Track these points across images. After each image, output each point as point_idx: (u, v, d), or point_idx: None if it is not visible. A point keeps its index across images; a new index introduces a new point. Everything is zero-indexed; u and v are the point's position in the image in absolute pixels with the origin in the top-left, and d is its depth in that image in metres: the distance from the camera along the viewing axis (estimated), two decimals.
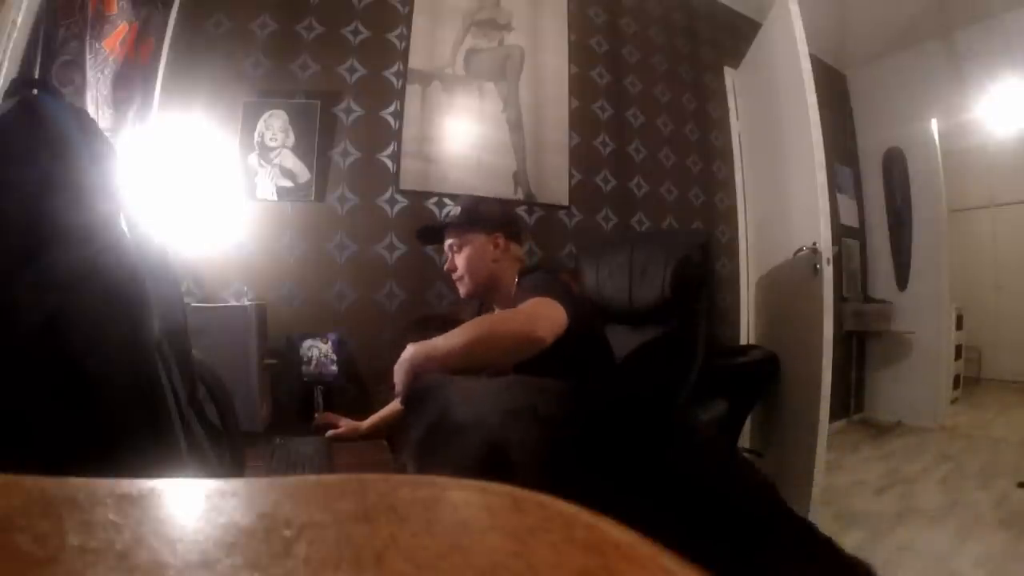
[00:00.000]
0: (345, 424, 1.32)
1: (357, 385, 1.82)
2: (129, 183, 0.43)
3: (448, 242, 1.26)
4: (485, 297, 1.27)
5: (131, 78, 1.53)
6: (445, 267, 1.27)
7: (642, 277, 1.58)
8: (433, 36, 2.09)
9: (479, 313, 1.31)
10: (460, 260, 1.23)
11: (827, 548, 0.44)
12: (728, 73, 2.79)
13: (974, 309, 4.07)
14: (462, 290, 1.25)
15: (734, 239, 2.70)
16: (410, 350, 0.92)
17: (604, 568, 0.13)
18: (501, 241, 1.24)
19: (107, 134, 0.60)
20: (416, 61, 2.05)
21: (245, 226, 1.77)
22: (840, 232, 3.17)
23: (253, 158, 1.80)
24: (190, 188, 1.68)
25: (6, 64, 1.25)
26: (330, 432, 1.29)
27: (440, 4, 2.12)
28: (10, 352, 0.31)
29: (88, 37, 1.39)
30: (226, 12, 1.82)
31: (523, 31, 2.24)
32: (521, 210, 2.15)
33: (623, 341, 1.40)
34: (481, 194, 1.99)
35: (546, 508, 0.16)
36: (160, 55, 1.67)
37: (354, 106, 1.95)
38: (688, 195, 2.57)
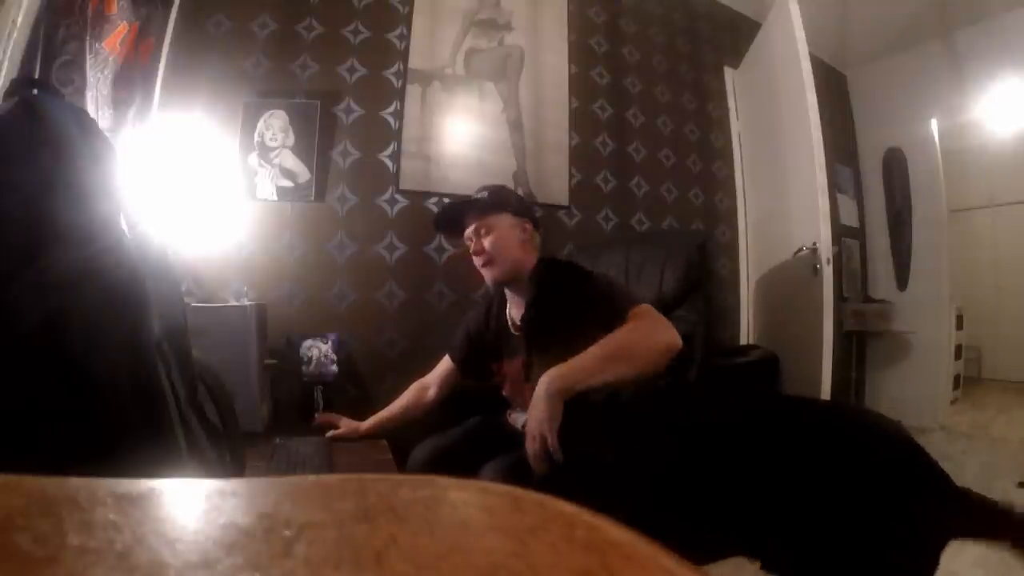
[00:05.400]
0: (345, 424, 1.32)
1: (357, 385, 1.82)
2: (129, 183, 0.43)
3: (473, 226, 1.20)
4: (511, 284, 1.21)
5: (131, 78, 1.53)
6: (472, 250, 1.20)
7: (640, 277, 1.58)
8: (433, 36, 2.09)
9: (505, 304, 1.26)
10: (488, 243, 1.17)
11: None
12: (728, 73, 2.79)
13: (974, 309, 4.07)
14: (489, 275, 1.19)
15: (734, 239, 2.70)
16: (551, 380, 0.89)
17: (604, 567, 0.13)
18: (528, 226, 1.22)
19: (107, 134, 0.60)
20: (416, 61, 2.05)
21: (245, 226, 1.77)
22: (840, 232, 3.17)
23: (253, 158, 1.80)
24: (190, 188, 1.68)
25: (6, 64, 1.25)
26: (330, 432, 1.29)
27: (440, 4, 2.12)
28: (10, 352, 0.31)
29: (88, 37, 1.39)
30: (226, 12, 1.81)
31: (523, 31, 2.24)
32: None
33: None
34: None
35: (546, 508, 0.16)
36: (160, 55, 1.67)
37: (354, 106, 1.95)
38: (688, 195, 2.57)
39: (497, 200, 1.21)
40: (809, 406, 0.78)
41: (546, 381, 0.89)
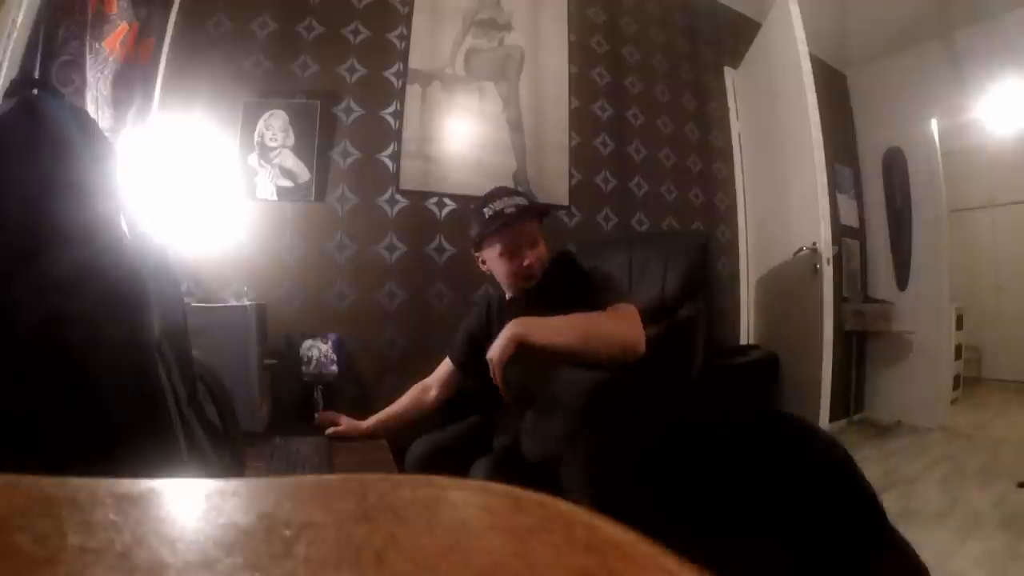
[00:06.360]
0: (346, 422, 1.32)
1: (357, 385, 1.81)
2: (129, 183, 0.43)
3: (530, 235, 1.20)
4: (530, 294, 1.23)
5: (131, 78, 1.53)
6: (527, 262, 1.19)
7: (641, 278, 1.58)
8: (433, 36, 2.09)
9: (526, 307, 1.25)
10: (538, 253, 1.20)
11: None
12: (728, 73, 2.79)
13: (974, 309, 4.07)
14: (527, 283, 1.19)
15: (734, 239, 2.70)
16: (513, 324, 0.95)
17: (604, 568, 0.13)
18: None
19: (107, 134, 0.60)
20: (416, 61, 2.05)
21: (245, 226, 1.77)
22: (840, 232, 3.17)
23: (253, 158, 1.80)
24: (190, 188, 1.68)
25: (6, 64, 1.25)
26: (330, 429, 1.29)
27: (440, 4, 2.12)
28: (10, 352, 0.31)
29: (88, 37, 1.39)
30: (226, 12, 1.81)
31: (523, 31, 2.24)
32: None
33: None
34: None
35: (546, 508, 0.16)
36: (160, 55, 1.67)
37: (354, 106, 1.95)
38: (688, 195, 2.57)
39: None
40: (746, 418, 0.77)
41: (509, 325, 0.96)
